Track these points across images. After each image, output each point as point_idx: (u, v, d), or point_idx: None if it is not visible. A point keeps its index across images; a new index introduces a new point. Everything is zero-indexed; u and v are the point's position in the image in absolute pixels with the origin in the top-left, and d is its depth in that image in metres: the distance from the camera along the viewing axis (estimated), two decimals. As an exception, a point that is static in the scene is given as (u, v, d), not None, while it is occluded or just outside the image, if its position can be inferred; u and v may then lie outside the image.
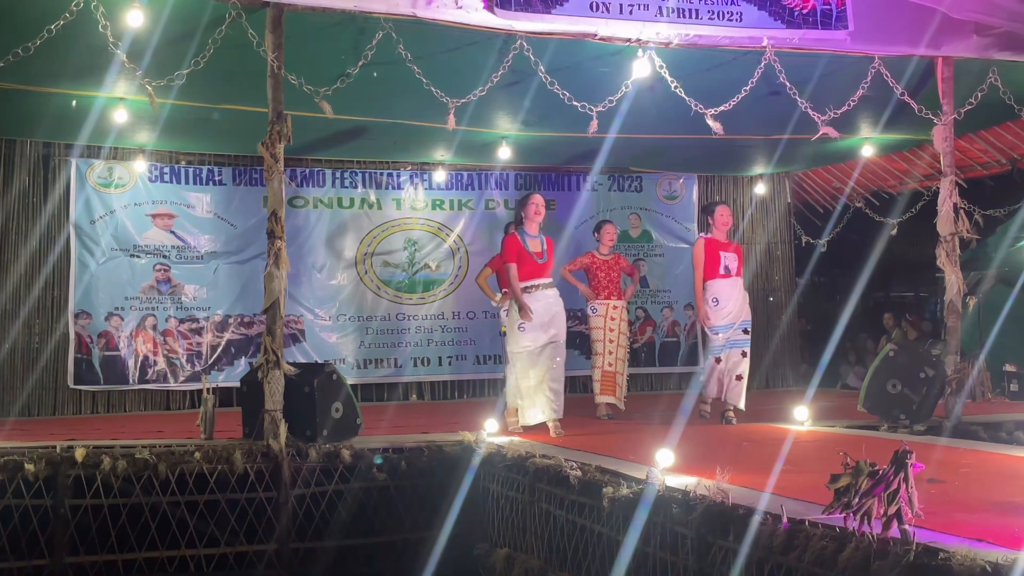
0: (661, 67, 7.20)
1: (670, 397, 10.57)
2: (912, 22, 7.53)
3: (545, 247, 7.82)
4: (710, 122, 7.41)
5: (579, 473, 5.51)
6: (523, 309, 7.60)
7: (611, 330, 8.97)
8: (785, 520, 3.98)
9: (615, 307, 9.02)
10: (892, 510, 3.53)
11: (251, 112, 8.03)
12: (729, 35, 7.26)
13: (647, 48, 7.18)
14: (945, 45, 7.70)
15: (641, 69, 7.21)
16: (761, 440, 7.35)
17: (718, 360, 8.35)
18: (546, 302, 7.75)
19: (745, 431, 7.90)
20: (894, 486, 3.55)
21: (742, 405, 8.36)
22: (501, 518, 6.37)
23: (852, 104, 7.70)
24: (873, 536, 3.56)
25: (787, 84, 7.38)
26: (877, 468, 3.63)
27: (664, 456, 5.18)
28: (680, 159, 11.56)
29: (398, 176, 11.56)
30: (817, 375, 10.59)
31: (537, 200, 7.83)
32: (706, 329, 8.51)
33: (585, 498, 5.37)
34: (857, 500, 3.62)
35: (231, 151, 10.71)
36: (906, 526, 3.51)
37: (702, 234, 8.62)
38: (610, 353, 8.97)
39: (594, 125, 7.37)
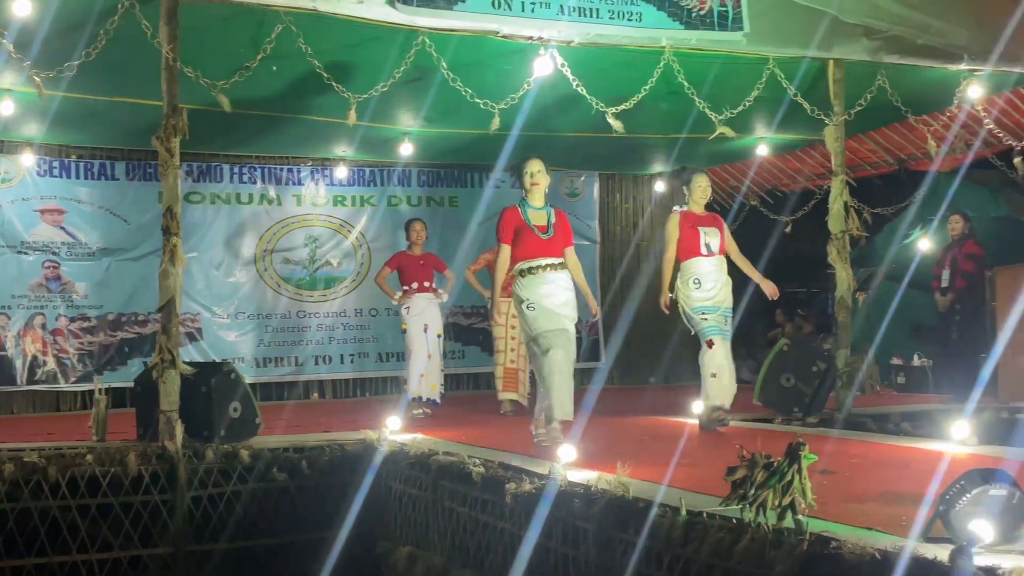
0: (563, 65, 7.25)
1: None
2: (804, 25, 7.72)
3: (553, 219, 6.57)
4: (611, 120, 7.49)
5: (482, 470, 5.51)
6: (493, 307, 6.74)
7: (513, 327, 8.99)
8: (683, 512, 4.05)
9: (517, 304, 9.03)
10: (786, 501, 3.61)
11: (145, 105, 7.82)
12: (629, 35, 7.35)
13: (549, 46, 7.23)
14: (836, 48, 7.92)
15: (543, 67, 7.25)
16: (661, 434, 7.47)
17: (711, 343, 7.36)
18: (551, 287, 6.50)
19: (645, 425, 8.01)
20: (788, 477, 3.64)
21: (729, 401, 7.44)
22: (404, 516, 6.33)
23: (747, 104, 7.87)
24: (768, 527, 3.64)
25: (685, 84, 7.51)
26: (772, 460, 3.71)
27: (566, 451, 5.22)
28: (581, 157, 11.65)
29: (298, 172, 11.41)
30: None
31: (532, 168, 6.53)
32: (688, 311, 7.48)
33: (488, 495, 5.37)
34: (753, 492, 3.70)
35: (124, 145, 10.42)
36: (800, 516, 3.60)
37: (677, 207, 7.63)
38: (512, 350, 9.00)
39: (496, 122, 7.39)
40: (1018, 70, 8.33)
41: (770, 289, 7.49)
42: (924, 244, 11.16)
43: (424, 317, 8.88)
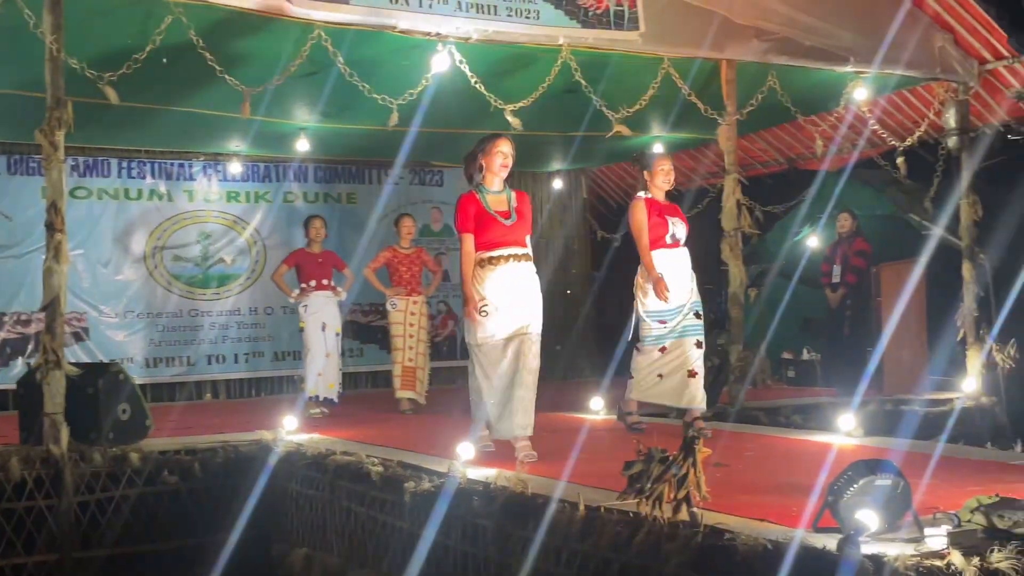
0: (461, 62, 7.23)
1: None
2: (698, 25, 7.86)
3: (515, 204, 5.88)
4: (509, 118, 7.50)
5: (380, 469, 5.47)
6: (467, 301, 5.76)
7: (411, 325, 8.95)
8: (582, 508, 4.07)
9: (415, 302, 9.00)
10: (681, 494, 3.67)
11: (28, 97, 7.53)
12: (527, 32, 7.37)
13: (447, 42, 7.20)
14: (728, 48, 8.08)
15: (441, 63, 7.22)
16: (559, 430, 7.51)
17: (663, 349, 6.69)
18: (515, 277, 5.79)
19: (544, 422, 8.04)
20: (683, 471, 3.69)
21: (704, 404, 6.82)
22: (300, 517, 6.24)
23: (643, 103, 7.97)
24: (664, 520, 3.69)
25: (582, 82, 7.56)
26: (667, 454, 3.77)
27: (465, 449, 5.21)
28: (480, 154, 11.64)
29: (190, 167, 11.14)
30: (612, 366, 10.91)
31: (505, 148, 5.82)
32: (641, 314, 6.74)
33: (387, 494, 5.34)
34: (649, 486, 3.74)
35: (6, 138, 10.01)
36: (694, 509, 3.66)
37: (640, 194, 6.86)
38: (410, 348, 8.95)
39: (394, 118, 7.34)
40: (900, 72, 8.61)
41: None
42: (813, 241, 11.47)
43: (322, 315, 8.78)
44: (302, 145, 10.09)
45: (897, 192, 11.16)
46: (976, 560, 3.20)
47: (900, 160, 9.28)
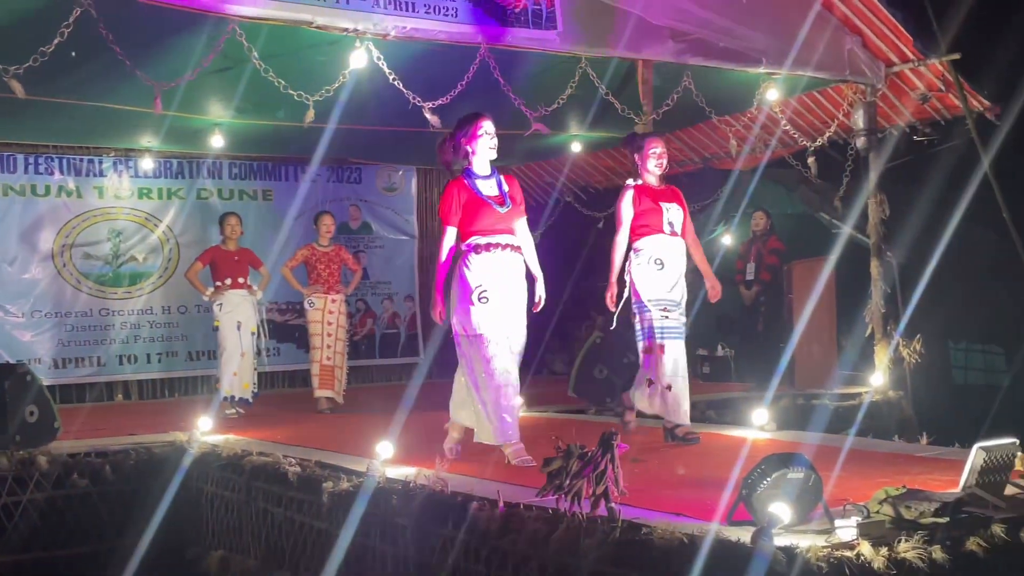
0: (379, 58, 7.18)
1: (390, 388, 10.60)
2: (615, 25, 7.92)
3: (507, 189, 5.54)
4: (427, 115, 7.47)
5: (298, 469, 5.42)
6: (434, 304, 5.47)
7: (329, 323, 8.89)
8: (501, 505, 4.08)
9: (334, 300, 8.94)
10: (600, 490, 3.70)
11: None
12: (445, 30, 7.35)
13: (364, 39, 7.14)
14: (645, 49, 8.15)
15: (358, 60, 7.16)
16: (479, 428, 7.51)
17: (663, 348, 6.12)
18: (508, 269, 5.46)
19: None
20: (602, 467, 3.73)
21: (688, 419, 6.30)
22: (216, 519, 6.14)
23: (561, 102, 8.00)
24: (583, 515, 3.72)
25: (501, 81, 7.57)
26: (586, 450, 3.80)
27: (384, 448, 5.18)
28: (399, 151, 11.59)
29: (100, 163, 10.86)
30: (532, 363, 10.95)
31: (487, 127, 5.50)
32: (642, 303, 6.17)
33: (304, 494, 5.28)
34: (568, 482, 3.77)
35: (-94, 132, 9.66)
36: (612, 504, 3.70)
37: (629, 181, 6.34)
38: (328, 347, 8.88)
39: (311, 114, 7.26)
40: (810, 73, 8.80)
41: (714, 292, 6.47)
42: (728, 239, 11.66)
43: (237, 314, 8.66)
44: (216, 141, 9.92)
45: (808, 191, 11.40)
46: (884, 550, 3.29)
47: (811, 160, 9.49)
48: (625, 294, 6.26)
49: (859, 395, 8.98)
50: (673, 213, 6.22)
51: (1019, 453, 4.16)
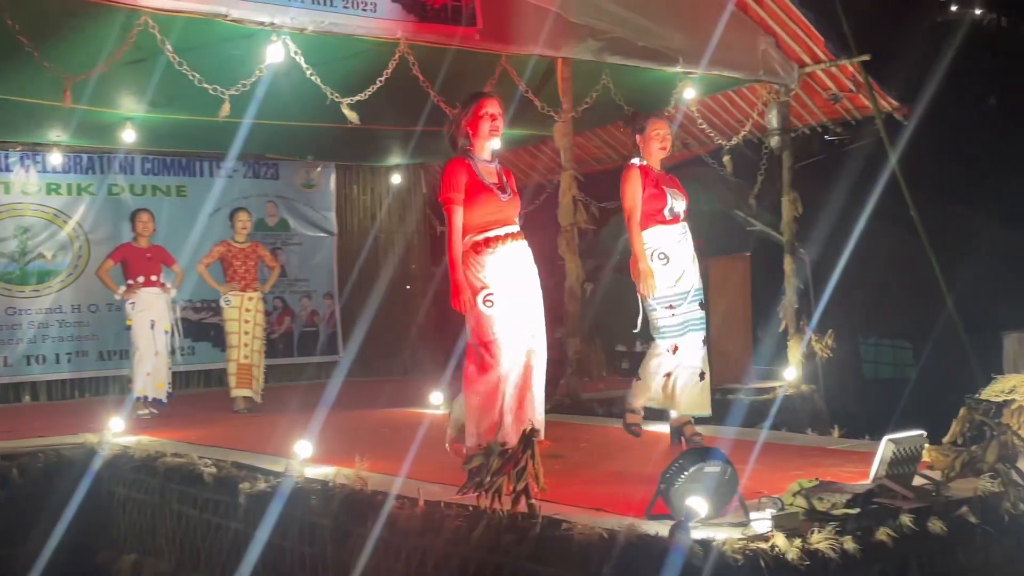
0: (296, 53, 7.09)
1: (309, 387, 10.48)
2: (534, 23, 7.94)
3: (505, 179, 5.12)
4: (346, 111, 7.41)
5: (214, 470, 5.33)
6: (457, 291, 4.90)
7: (246, 321, 8.76)
8: (422, 503, 4.07)
9: (251, 298, 8.81)
10: (520, 487, 3.71)
11: None
12: (364, 25, 7.29)
13: (281, 33, 7.05)
14: (564, 47, 8.20)
15: (275, 54, 7.06)
16: (399, 425, 7.49)
17: (675, 349, 5.80)
18: (518, 261, 5.04)
19: (385, 418, 8.00)
20: (522, 464, 3.74)
21: (709, 410, 6.03)
22: (128, 523, 6.01)
23: (481, 99, 8.00)
24: (503, 512, 3.73)
25: (420, 77, 7.53)
26: (507, 447, 3.80)
27: (303, 447, 5.13)
28: (318, 147, 11.47)
29: (6, 157, 10.53)
30: (453, 360, 10.92)
31: (491, 108, 5.04)
32: (649, 302, 5.80)
33: (221, 495, 5.20)
34: (489, 479, 3.77)
35: None
36: (533, 501, 3.71)
37: (634, 160, 5.91)
38: (245, 345, 8.76)
39: (226, 108, 7.13)
40: (726, 73, 8.94)
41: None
42: (645, 236, 11.76)
43: (151, 312, 8.49)
44: (128, 135, 9.69)
45: (723, 189, 11.58)
46: (798, 542, 3.36)
47: (726, 158, 9.64)
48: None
49: (773, 389, 9.15)
50: (676, 199, 5.83)
51: (926, 445, 4.28)
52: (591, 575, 3.34)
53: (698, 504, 3.54)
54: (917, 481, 4.16)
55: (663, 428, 6.56)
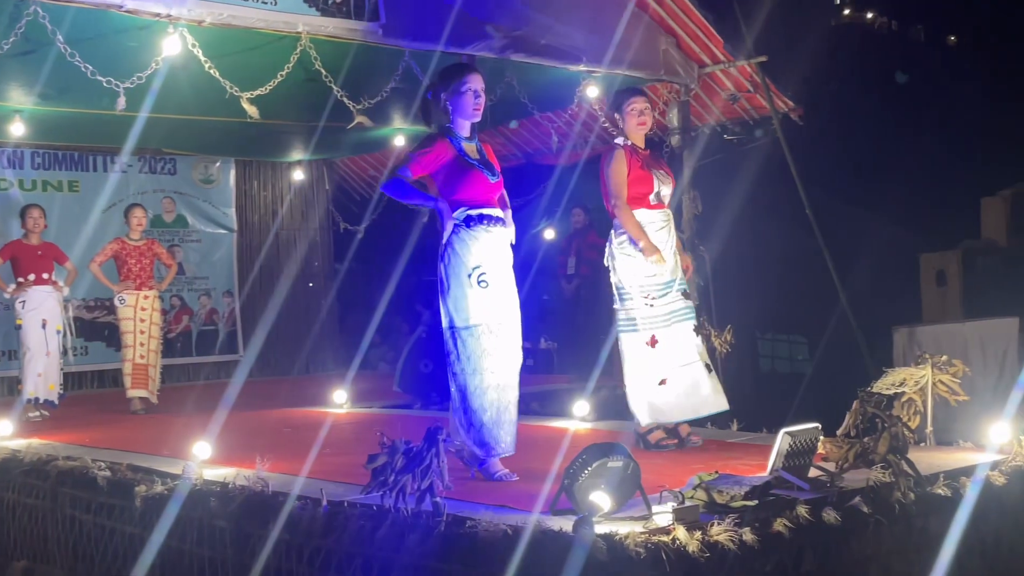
0: (194, 46, 6.93)
1: (208, 387, 10.29)
2: (438, 19, 7.91)
3: (487, 157, 4.86)
4: (245, 105, 7.27)
5: (108, 473, 5.19)
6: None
7: (142, 320, 8.56)
8: (324, 503, 4.02)
9: (146, 297, 8.61)
10: (425, 485, 3.70)
11: None
12: (264, 18, 7.16)
13: (178, 25, 6.88)
14: (468, 44, 8.19)
15: (172, 46, 6.89)
16: (301, 425, 7.39)
17: (653, 342, 5.48)
18: (504, 249, 4.79)
19: (286, 417, 7.89)
20: (427, 462, 3.72)
21: (725, 404, 5.66)
22: (18, 528, 5.80)
23: (385, 95, 7.94)
24: (407, 511, 3.71)
25: (323, 72, 7.45)
26: (412, 446, 3.78)
27: (201, 448, 5.02)
28: (217, 142, 11.25)
29: None
30: (357, 358, 10.85)
31: (474, 84, 4.75)
32: (625, 292, 5.55)
33: (116, 499, 5.06)
34: (393, 478, 3.75)
35: None
36: (438, 499, 3.69)
37: (618, 140, 5.64)
38: (141, 345, 8.56)
39: (121, 102, 6.93)
40: (627, 72, 9.03)
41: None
42: (549, 234, 11.87)
43: (42, 311, 8.23)
44: (17, 129, 9.35)
45: (626, 187, 11.70)
46: (698, 534, 3.42)
47: (630, 157, 9.74)
48: (614, 280, 5.60)
49: (675, 385, 9.26)
50: (663, 181, 5.56)
51: (821, 437, 4.40)
52: (495, 572, 3.34)
53: (601, 499, 3.58)
54: (812, 473, 4.27)
55: (566, 424, 6.62)
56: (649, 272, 5.45)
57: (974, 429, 5.07)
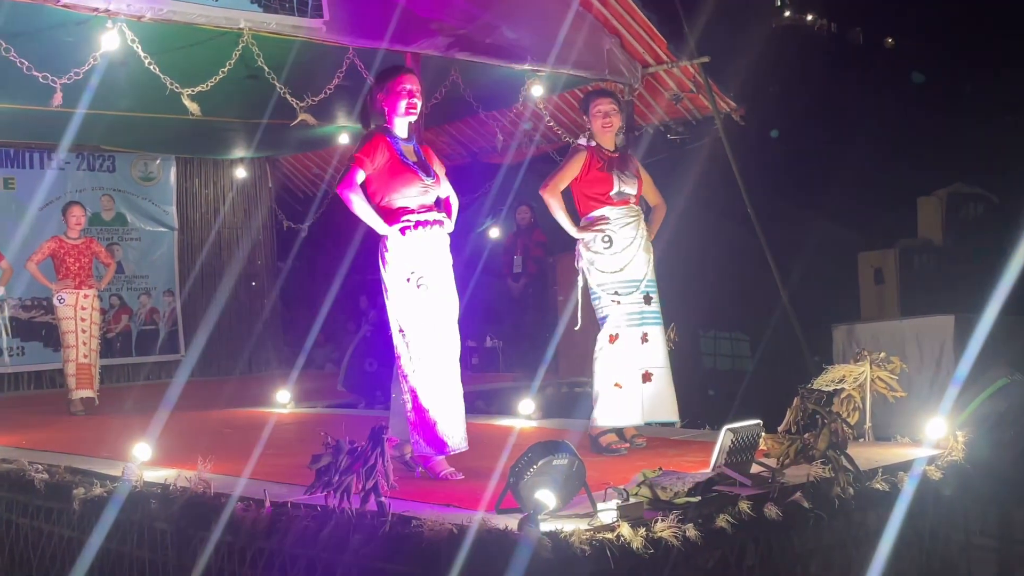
0: (133, 41, 6.83)
1: (148, 387, 10.15)
2: (382, 16, 7.87)
3: (424, 158, 4.87)
4: (187, 102, 7.18)
5: (46, 476, 5.08)
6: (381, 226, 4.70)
7: (82, 320, 8.40)
8: (268, 504, 3.99)
9: (86, 296, 8.46)
10: (370, 484, 3.68)
11: None
12: (205, 14, 7.07)
13: (117, 20, 6.77)
14: (414, 41, 8.16)
15: (110, 42, 6.78)
16: (244, 425, 7.32)
17: (614, 338, 5.42)
18: (443, 250, 4.85)
19: (228, 417, 7.81)
20: (371, 461, 3.70)
21: (675, 416, 5.60)
22: (-48, 534, 5.67)
23: (328, 92, 7.89)
24: (352, 511, 3.69)
25: (265, 68, 7.37)
26: (356, 445, 3.76)
27: (141, 450, 4.95)
28: (157, 139, 11.09)
29: None
30: (301, 358, 10.77)
31: (409, 84, 4.80)
32: (593, 290, 5.52)
33: (53, 502, 4.97)
34: (338, 478, 3.72)
35: None
36: (383, 499, 3.68)
37: (581, 141, 5.68)
38: (83, 344, 8.41)
39: (58, 98, 6.80)
40: (572, 72, 9.07)
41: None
42: (494, 232, 11.87)
43: (-25, 311, 8.05)
44: (-50, 124, 9.17)
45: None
46: (642, 531, 3.45)
47: (574, 156, 9.78)
48: (580, 281, 5.61)
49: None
50: (626, 182, 5.53)
51: (762, 433, 4.46)
52: (441, 571, 3.34)
53: (546, 497, 3.59)
54: (754, 469, 4.32)
55: (512, 422, 6.63)
56: (615, 268, 5.46)
57: (911, 425, 5.17)
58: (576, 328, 5.65)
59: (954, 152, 11.94)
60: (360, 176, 4.71)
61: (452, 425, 4.76)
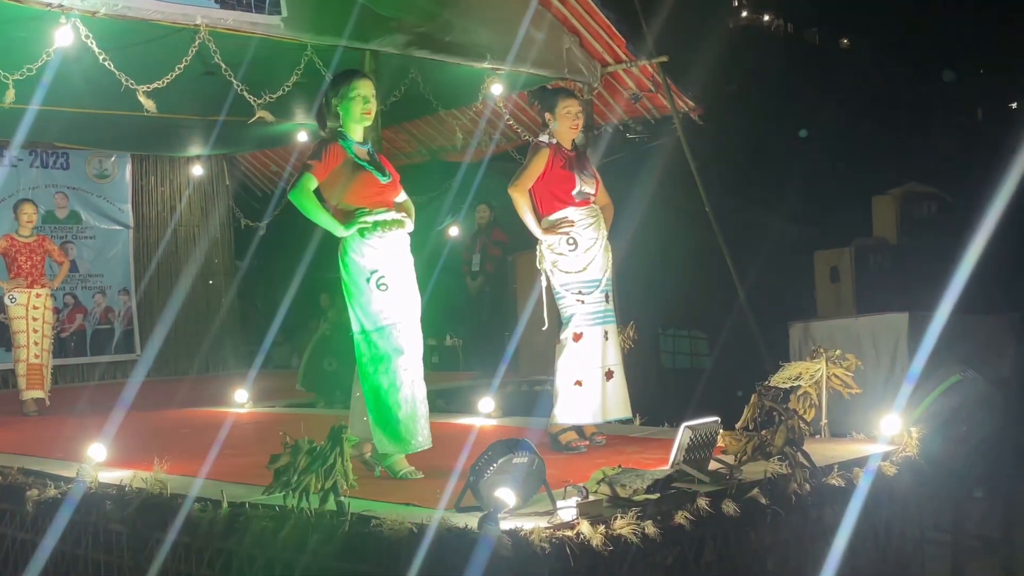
0: (87, 37, 6.74)
1: (103, 387, 10.02)
2: (341, 13, 7.83)
3: (378, 160, 4.98)
4: (142, 99, 7.10)
5: (-1, 478, 5.01)
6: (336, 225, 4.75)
7: (35, 319, 8.29)
8: (225, 505, 3.96)
9: (38, 295, 8.35)
10: (329, 484, 3.66)
11: None
12: (161, 10, 6.99)
13: (71, 15, 6.68)
14: (372, 39, 8.13)
15: (64, 37, 6.69)
16: (201, 425, 7.25)
17: (578, 336, 5.47)
18: (403, 250, 4.91)
19: (185, 417, 7.73)
20: (330, 461, 3.68)
21: (630, 412, 5.72)
22: (-99, 538, 5.57)
23: (286, 89, 7.83)
24: (311, 511, 3.67)
25: (222, 65, 7.31)
26: (315, 445, 3.74)
27: (96, 451, 4.89)
28: (112, 136, 10.95)
29: None
30: (259, 357, 10.69)
31: (365, 90, 4.85)
32: (557, 288, 5.55)
33: (6, 504, 4.90)
34: (296, 478, 3.70)
35: None
36: (342, 498, 3.66)
37: (543, 138, 5.64)
38: (35, 344, 8.29)
39: (10, 95, 6.71)
40: (531, 70, 9.08)
41: None
42: (454, 231, 11.86)
43: (-75, 311, 7.92)
44: (-101, 120, 8.98)
45: (531, 185, 11.76)
46: (602, 528, 3.46)
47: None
48: (543, 282, 5.63)
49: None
50: (586, 181, 5.58)
51: (720, 431, 4.49)
52: (401, 570, 3.33)
53: (506, 495, 3.59)
54: (712, 466, 4.35)
55: (472, 420, 6.63)
56: (578, 268, 5.51)
57: (866, 421, 5.23)
58: (543, 329, 5.67)
59: (908, 151, 12.11)
60: (312, 183, 4.76)
61: (417, 423, 4.77)
